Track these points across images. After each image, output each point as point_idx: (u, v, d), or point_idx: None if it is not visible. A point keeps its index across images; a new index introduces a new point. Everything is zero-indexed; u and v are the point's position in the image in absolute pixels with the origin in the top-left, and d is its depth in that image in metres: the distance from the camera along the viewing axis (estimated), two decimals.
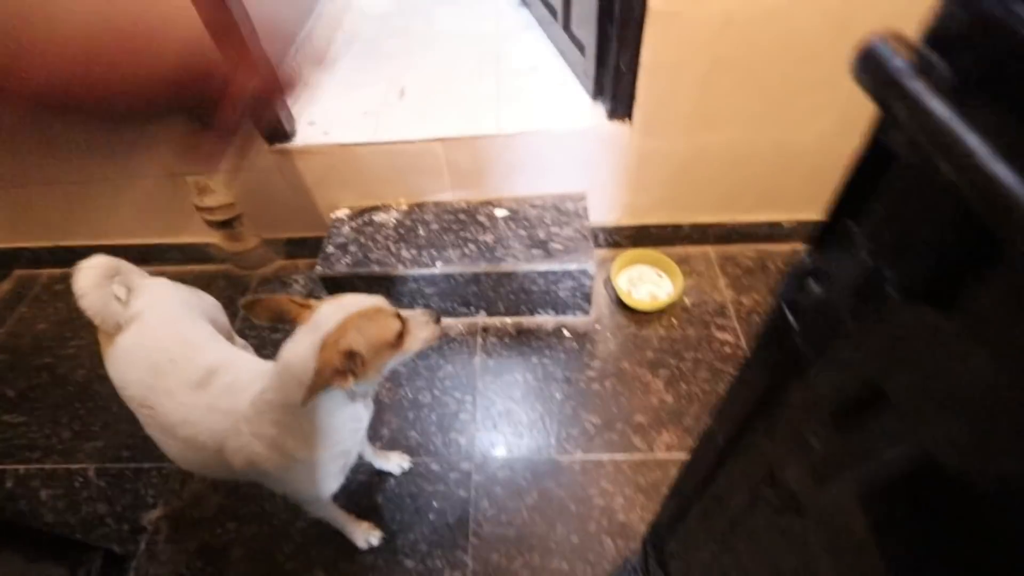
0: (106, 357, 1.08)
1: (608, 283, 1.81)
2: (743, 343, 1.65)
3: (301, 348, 0.85)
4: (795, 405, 0.51)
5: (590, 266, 1.54)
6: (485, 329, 1.75)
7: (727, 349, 1.64)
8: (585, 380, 1.60)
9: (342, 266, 1.60)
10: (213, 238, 1.93)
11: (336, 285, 1.63)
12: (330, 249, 1.65)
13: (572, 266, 1.54)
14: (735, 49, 1.33)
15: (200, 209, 1.80)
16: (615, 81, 1.45)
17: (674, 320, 1.73)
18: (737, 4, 1.25)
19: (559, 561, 1.28)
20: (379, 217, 1.73)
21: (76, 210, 1.85)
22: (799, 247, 1.90)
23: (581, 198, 1.71)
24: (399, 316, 0.96)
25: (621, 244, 1.92)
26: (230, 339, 1.28)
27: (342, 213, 1.76)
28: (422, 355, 1.69)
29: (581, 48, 1.61)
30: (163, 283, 1.20)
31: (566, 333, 1.72)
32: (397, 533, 1.34)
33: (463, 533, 1.33)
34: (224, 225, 1.85)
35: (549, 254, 1.57)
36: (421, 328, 1.00)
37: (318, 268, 1.61)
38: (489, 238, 1.63)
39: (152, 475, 1.48)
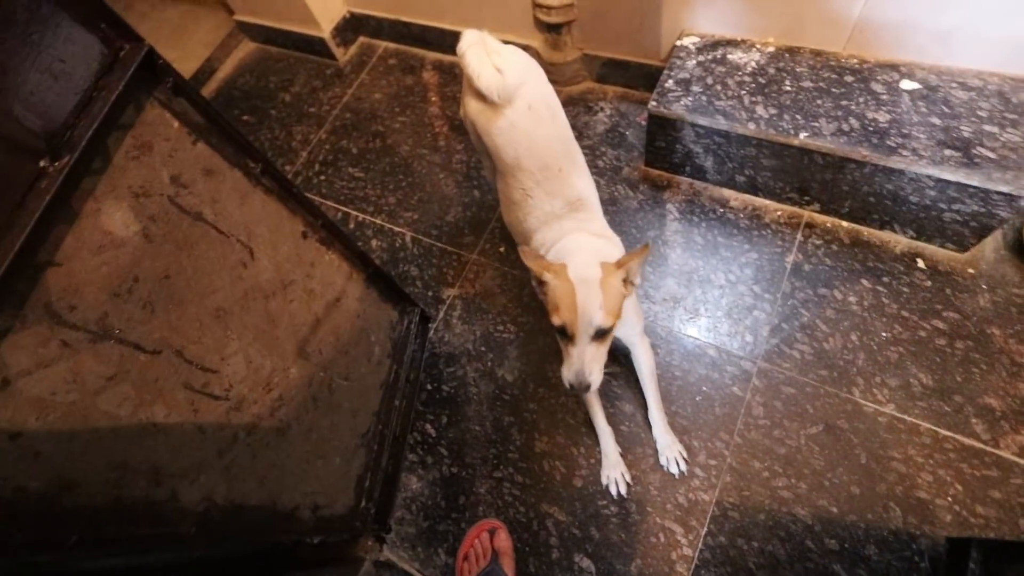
0: (492, 127, 1.14)
1: (1015, 220, 1.32)
2: None
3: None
4: None
5: None
6: (810, 225, 1.46)
7: None
8: (928, 330, 1.28)
9: (680, 107, 1.39)
10: (535, 41, 1.84)
11: (665, 127, 1.44)
12: (669, 83, 1.43)
13: (1003, 188, 1.11)
14: None
15: (537, 5, 1.67)
16: None
17: None
18: None
19: (829, 502, 1.17)
20: (735, 56, 1.42)
21: None
22: None
23: None
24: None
25: None
26: None
27: (690, 42, 1.48)
28: (724, 231, 1.50)
29: None
30: (521, 56, 1.18)
31: (920, 264, 1.35)
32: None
33: (727, 428, 1.27)
34: (552, 29, 1.72)
35: (971, 161, 1.14)
36: (570, 362, 0.98)
37: (651, 103, 1.42)
38: (882, 117, 1.24)
39: (453, 259, 1.67)
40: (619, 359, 1.37)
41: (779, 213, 1.50)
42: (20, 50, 0.54)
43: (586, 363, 0.96)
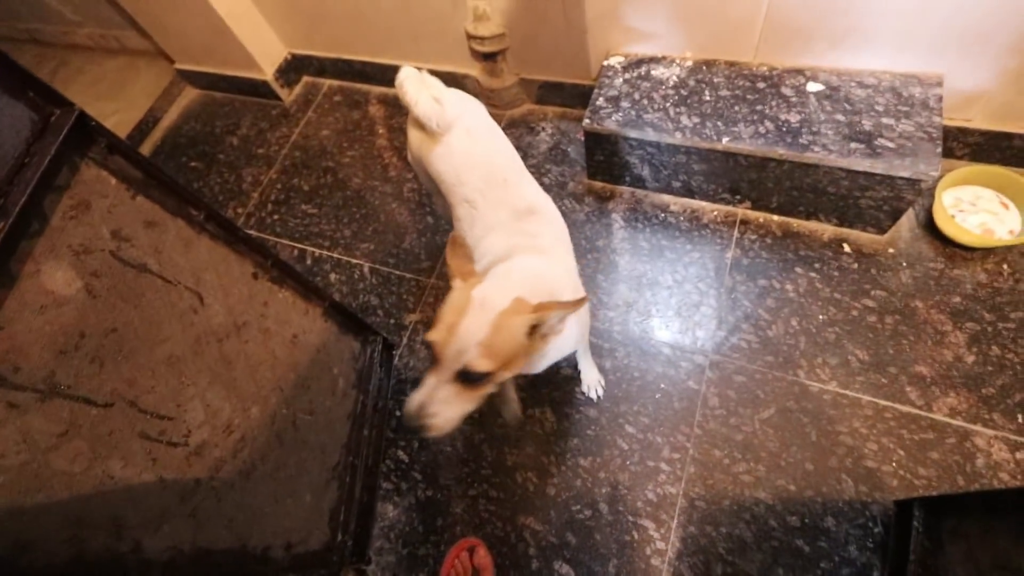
0: (431, 154, 1.16)
1: (923, 200, 1.45)
2: None
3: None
4: None
5: (930, 178, 1.21)
6: (744, 222, 1.56)
7: None
8: (859, 309, 1.38)
9: (612, 123, 1.47)
10: (473, 70, 1.91)
11: (601, 142, 1.53)
12: (600, 101, 1.52)
13: (904, 173, 1.22)
14: None
15: (471, 37, 1.75)
16: None
17: (1006, 266, 1.35)
18: None
19: (787, 480, 1.23)
20: (658, 71, 1.52)
21: (362, 26, 1.93)
22: None
23: (935, 83, 1.30)
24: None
25: (955, 153, 1.48)
26: None
27: (616, 61, 1.58)
28: (667, 235, 1.58)
29: None
30: (462, 94, 1.22)
31: (846, 249, 1.46)
32: (621, 400, 1.39)
33: (687, 421, 1.33)
34: (488, 58, 1.80)
35: (874, 152, 1.25)
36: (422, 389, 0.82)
37: (585, 120, 1.51)
38: (794, 118, 1.35)
39: (412, 285, 1.70)
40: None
41: (715, 213, 1.59)
42: None
43: (434, 401, 0.79)
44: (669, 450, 1.31)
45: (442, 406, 0.80)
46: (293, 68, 2.24)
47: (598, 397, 1.38)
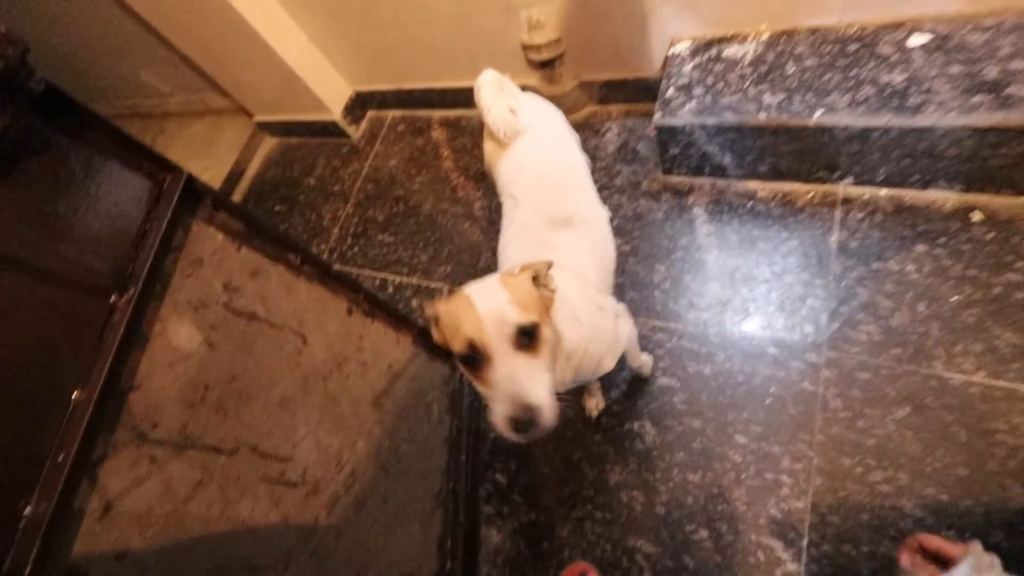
0: (499, 161, 1.18)
1: None
2: None
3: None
4: None
5: None
6: (847, 200, 1.41)
7: None
8: (1004, 284, 1.19)
9: (686, 113, 1.39)
10: (531, 80, 1.89)
11: (675, 135, 1.45)
12: (670, 92, 1.44)
13: None
14: None
15: (527, 48, 1.73)
16: None
17: None
18: None
19: (936, 489, 1.08)
20: (731, 51, 1.42)
21: (418, 53, 1.97)
22: None
23: None
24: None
25: None
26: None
27: (682, 48, 1.50)
28: (758, 224, 1.47)
29: None
30: (539, 100, 1.23)
31: (976, 218, 1.28)
32: (727, 408, 1.29)
33: (807, 427, 1.21)
34: (546, 65, 1.78)
35: (1005, 102, 1.09)
36: (498, 389, 0.74)
37: (656, 115, 1.43)
38: (897, 77, 1.20)
39: None
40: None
41: (811, 194, 1.45)
42: (83, 203, 0.60)
43: (520, 379, 0.72)
44: (789, 460, 1.19)
45: (530, 382, 0.73)
46: (358, 105, 2.34)
47: (666, 385, 1.34)
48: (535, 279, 0.83)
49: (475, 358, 0.75)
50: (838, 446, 1.17)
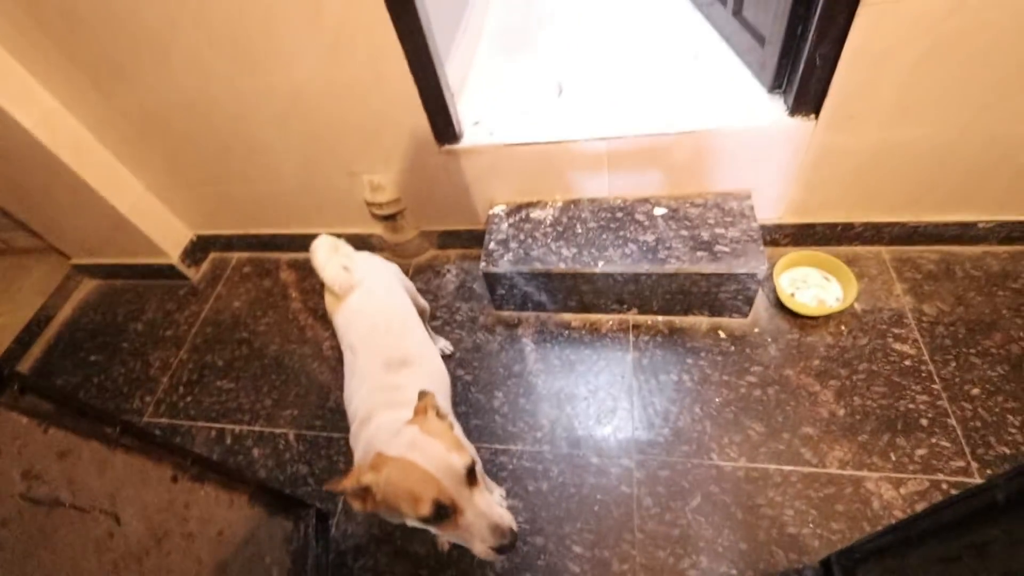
0: (336, 313, 1.28)
1: (766, 285, 1.74)
2: (926, 356, 1.53)
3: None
4: None
5: (761, 271, 1.49)
6: (636, 326, 1.76)
7: (907, 362, 1.53)
8: (746, 386, 1.57)
9: (505, 263, 1.68)
10: (376, 229, 2.10)
11: (499, 279, 1.71)
12: (492, 246, 1.73)
13: (742, 270, 1.49)
14: (961, 33, 1.20)
15: (370, 204, 1.95)
16: (804, 73, 1.37)
17: (843, 327, 1.63)
18: None
19: (728, 567, 1.29)
20: (536, 213, 1.79)
21: (266, 204, 2.08)
22: (994, 249, 1.70)
23: (746, 196, 1.65)
24: (451, 500, 0.82)
25: (779, 243, 1.83)
26: (415, 300, 1.46)
27: (499, 209, 1.84)
28: (574, 349, 1.75)
29: (759, 37, 1.53)
30: (372, 257, 1.39)
31: (722, 335, 1.69)
32: (563, 520, 1.42)
33: (628, 527, 1.38)
34: (388, 218, 2.01)
35: (715, 257, 1.53)
36: (475, 529, 0.83)
37: (482, 264, 1.70)
38: (650, 238, 1.63)
39: (341, 443, 1.68)
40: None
41: (611, 322, 1.79)
42: None
43: (492, 510, 0.83)
44: (618, 562, 1.34)
45: (493, 512, 0.83)
46: (199, 248, 2.31)
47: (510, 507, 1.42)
48: (438, 413, 0.91)
49: (443, 514, 0.80)
50: (653, 541, 1.35)
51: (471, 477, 0.84)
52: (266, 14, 1.39)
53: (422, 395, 0.94)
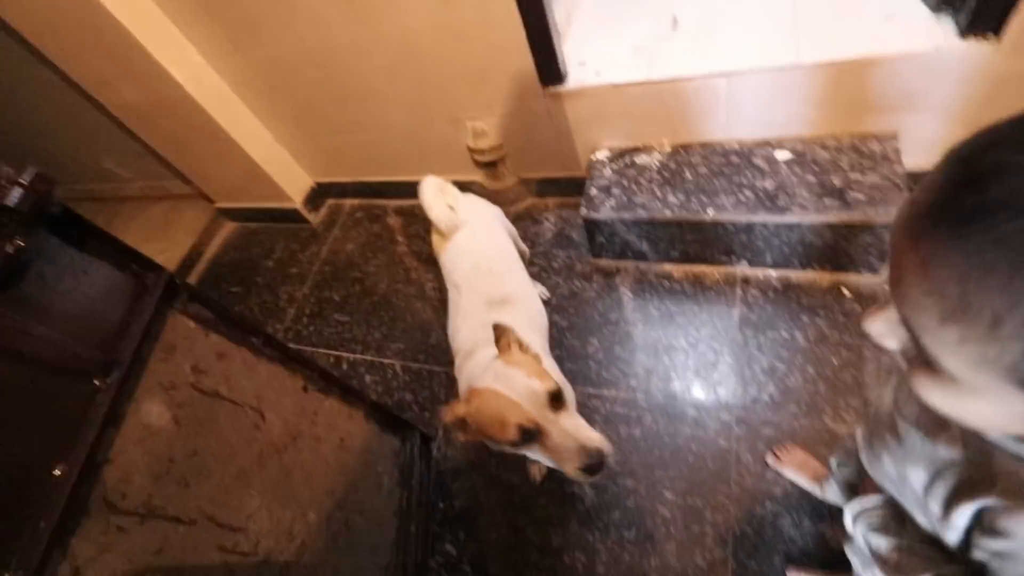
0: (442, 251, 1.35)
1: None
2: None
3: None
4: None
5: None
6: (745, 280, 1.65)
7: None
8: (871, 349, 1.43)
9: (606, 209, 1.63)
10: (477, 176, 2.13)
11: (599, 226, 1.68)
12: (593, 192, 1.69)
13: (881, 219, 1.33)
14: None
15: (472, 151, 1.98)
16: None
17: None
18: None
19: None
20: (641, 159, 1.71)
21: (376, 152, 2.20)
22: None
23: (891, 138, 1.44)
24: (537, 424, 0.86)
25: None
26: (516, 243, 1.50)
27: (602, 155, 1.78)
28: (674, 300, 1.68)
29: None
30: (476, 199, 1.43)
31: (846, 293, 1.53)
32: (655, 466, 1.42)
33: (724, 480, 1.35)
34: (489, 165, 2.03)
35: (848, 204, 1.37)
36: (562, 450, 0.86)
37: (582, 210, 1.67)
38: (769, 184, 1.49)
39: (443, 377, 1.80)
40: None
41: (716, 275, 1.69)
42: (80, 302, 0.71)
43: (574, 435, 0.85)
44: (711, 512, 1.32)
45: (580, 434, 0.86)
46: (318, 195, 2.52)
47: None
48: (520, 346, 0.95)
49: (529, 437, 0.85)
50: (752, 497, 1.31)
51: (556, 402, 0.88)
52: None
53: (501, 330, 0.97)
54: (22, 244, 0.61)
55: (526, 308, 1.27)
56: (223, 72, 1.99)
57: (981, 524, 0.47)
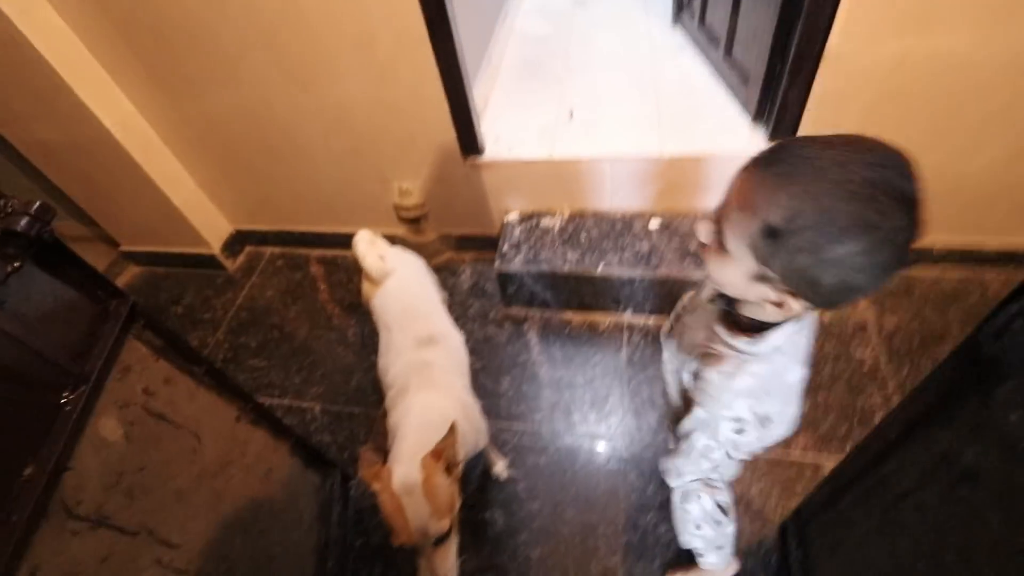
0: (373, 297, 1.50)
1: None
2: (882, 363, 1.73)
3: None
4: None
5: None
6: (630, 326, 1.97)
7: (866, 368, 1.73)
8: None
9: (517, 263, 1.90)
10: (400, 231, 2.33)
11: (510, 278, 1.93)
12: (505, 248, 1.96)
13: None
14: (905, 85, 1.44)
15: (398, 208, 2.19)
16: (780, 110, 1.60)
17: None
18: (911, 46, 1.36)
19: None
20: (545, 222, 2.02)
21: (303, 204, 2.32)
22: (948, 272, 1.92)
23: None
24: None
25: None
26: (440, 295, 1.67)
27: (513, 217, 2.07)
28: (573, 343, 1.95)
29: (743, 75, 1.77)
30: (403, 250, 1.61)
31: None
32: (557, 490, 1.61)
33: (615, 497, 1.57)
34: (413, 221, 2.24)
35: (702, 265, 1.75)
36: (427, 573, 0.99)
37: (496, 263, 1.92)
38: (644, 246, 1.85)
39: (361, 418, 1.88)
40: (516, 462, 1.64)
41: (607, 321, 2.00)
42: (47, 326, 0.79)
43: (441, 571, 0.98)
44: (604, 526, 1.52)
45: (445, 570, 0.98)
46: (237, 241, 2.55)
47: (510, 477, 1.65)
48: (448, 466, 1.02)
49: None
50: (637, 509, 1.54)
51: (440, 540, 0.98)
52: (327, 41, 1.64)
53: (450, 433, 1.02)
54: (20, 265, 0.70)
55: (450, 346, 1.44)
56: (154, 121, 2.05)
57: (696, 373, 0.84)
